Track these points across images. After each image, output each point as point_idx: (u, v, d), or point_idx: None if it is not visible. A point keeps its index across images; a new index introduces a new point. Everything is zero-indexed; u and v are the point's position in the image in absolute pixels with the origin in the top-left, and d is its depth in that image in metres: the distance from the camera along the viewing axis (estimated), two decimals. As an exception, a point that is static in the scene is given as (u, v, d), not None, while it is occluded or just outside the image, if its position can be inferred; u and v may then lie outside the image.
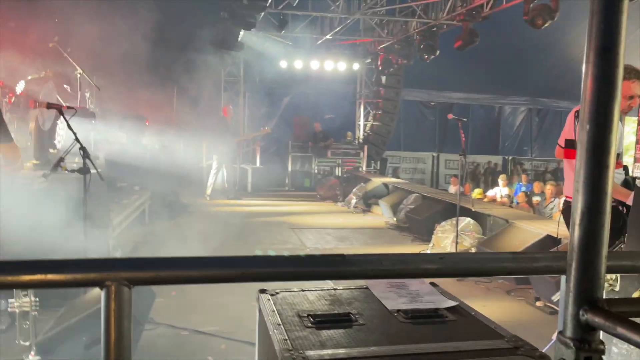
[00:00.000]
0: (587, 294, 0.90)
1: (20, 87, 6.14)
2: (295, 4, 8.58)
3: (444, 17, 10.05)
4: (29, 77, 6.15)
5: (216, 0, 10.27)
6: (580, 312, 0.90)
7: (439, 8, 10.34)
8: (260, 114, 16.09)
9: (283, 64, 13.72)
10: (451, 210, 7.07)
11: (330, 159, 13.27)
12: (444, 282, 4.81)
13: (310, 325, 1.61)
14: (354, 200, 10.31)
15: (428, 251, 6.72)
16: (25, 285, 1.01)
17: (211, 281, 1.10)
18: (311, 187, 12.88)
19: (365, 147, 13.90)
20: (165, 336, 4.02)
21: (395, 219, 8.86)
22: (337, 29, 11.50)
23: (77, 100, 6.56)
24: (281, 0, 9.34)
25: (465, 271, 1.26)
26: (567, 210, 3.64)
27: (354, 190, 10.55)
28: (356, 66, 14.46)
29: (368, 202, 10.38)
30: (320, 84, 15.18)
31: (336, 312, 1.73)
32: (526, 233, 5.74)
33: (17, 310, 3.26)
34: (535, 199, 9.76)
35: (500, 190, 10.70)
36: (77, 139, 3.71)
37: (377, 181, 10.84)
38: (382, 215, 9.59)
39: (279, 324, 1.61)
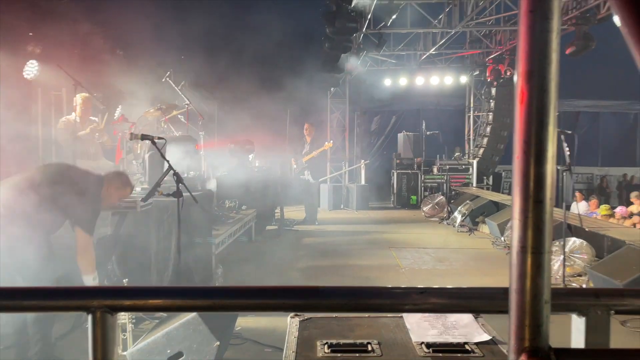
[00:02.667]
0: (528, 342, 0.81)
1: (117, 113, 6.92)
2: (392, 23, 8.57)
3: (556, 21, 9.35)
4: (147, 110, 6.87)
5: (321, 25, 10.67)
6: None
7: (550, 12, 9.65)
8: (369, 133, 16.24)
9: (387, 82, 13.74)
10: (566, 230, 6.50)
11: (438, 175, 12.92)
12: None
13: (324, 354, 1.61)
14: (459, 219, 9.91)
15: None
16: (24, 309, 1.16)
17: (183, 310, 1.17)
18: (417, 204, 12.62)
19: (475, 162, 13.31)
20: (250, 351, 4.20)
21: (502, 238, 8.35)
22: (440, 43, 11.26)
23: (187, 129, 7.17)
24: (379, 20, 9.40)
25: (446, 306, 1.19)
26: None
27: (460, 207, 10.14)
28: (464, 79, 14.01)
29: (475, 220, 9.90)
30: (429, 100, 14.94)
31: (356, 341, 1.71)
32: (648, 257, 5.09)
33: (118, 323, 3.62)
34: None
35: (633, 208, 9.58)
36: (170, 166, 4.07)
37: (485, 198, 10.31)
38: (489, 234, 9.09)
39: (293, 351, 1.63)
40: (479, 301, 1.09)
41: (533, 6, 0.78)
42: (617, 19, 0.64)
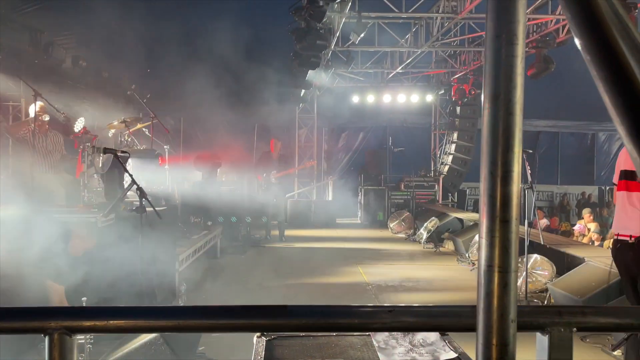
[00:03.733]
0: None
1: (79, 125, 6.77)
2: (359, 42, 8.70)
3: (517, 44, 9.69)
4: (110, 123, 6.73)
5: (289, 41, 10.73)
6: (486, 383, 0.81)
7: (512, 35, 10.00)
8: (336, 149, 16.33)
9: (355, 99, 13.90)
10: (524, 246, 6.65)
11: (404, 191, 13.06)
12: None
13: (290, 374, 1.58)
14: (425, 235, 10.02)
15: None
16: (-28, 331, 1.10)
17: (145, 331, 1.13)
18: (384, 220, 12.71)
19: (441, 180, 13.55)
20: (215, 371, 4.10)
21: (467, 254, 8.48)
22: (407, 62, 11.49)
23: (151, 143, 7.05)
24: (347, 38, 9.53)
25: (413, 325, 1.19)
26: (616, 250, 3.28)
27: (426, 224, 10.26)
28: (429, 98, 14.30)
29: (441, 236, 10.04)
30: (395, 117, 15.17)
31: (323, 360, 1.69)
32: (605, 273, 5.24)
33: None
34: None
35: (586, 226, 9.90)
36: (133, 181, 3.98)
37: (450, 215, 10.48)
38: (454, 251, 9.23)
39: (259, 372, 1.60)
40: (447, 319, 1.10)
41: (499, 31, 0.80)
42: (578, 42, 0.66)
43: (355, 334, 1.99)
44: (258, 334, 1.98)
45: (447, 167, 14.21)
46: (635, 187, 3.12)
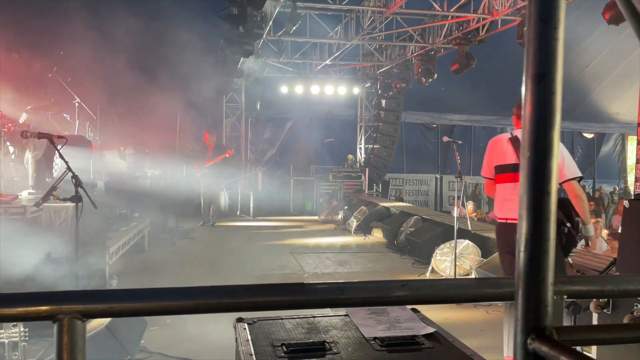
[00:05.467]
0: (533, 322, 0.89)
1: (23, 117, 6.25)
2: (292, 32, 8.68)
3: (441, 41, 10.16)
4: (29, 107, 6.24)
5: (217, 28, 10.47)
6: (528, 341, 0.88)
7: (436, 32, 10.46)
8: (262, 139, 16.21)
9: (284, 90, 13.87)
10: (451, 233, 7.03)
11: (332, 182, 13.28)
12: (440, 306, 4.71)
13: (282, 355, 1.59)
14: (354, 224, 10.27)
15: (427, 275, 6.67)
16: (-26, 320, 1.01)
17: (165, 313, 1.09)
18: (313, 210, 12.86)
19: (367, 170, 13.91)
20: (158, 365, 3.98)
21: (395, 242, 8.81)
22: (336, 54, 11.64)
23: (75, 129, 6.62)
24: (279, 27, 9.49)
25: (429, 298, 1.24)
26: (505, 231, 3.77)
27: (355, 213, 10.52)
28: (356, 90, 14.59)
29: (369, 225, 10.33)
30: (322, 109, 15.31)
31: (310, 341, 1.71)
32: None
33: (6, 341, 3.24)
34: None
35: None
36: (69, 168, 3.74)
37: (377, 204, 10.80)
38: (382, 238, 9.54)
39: (251, 354, 1.59)
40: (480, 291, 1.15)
41: (543, 15, 0.86)
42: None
43: (330, 314, 2.03)
44: (236, 319, 1.96)
45: (372, 158, 14.61)
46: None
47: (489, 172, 3.88)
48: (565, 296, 1.30)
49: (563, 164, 3.55)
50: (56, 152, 3.73)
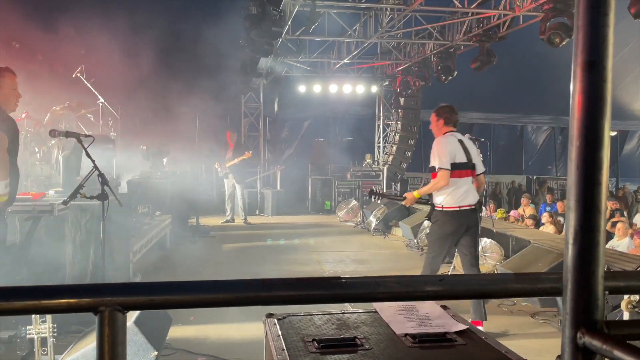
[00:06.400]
0: (584, 316, 0.87)
1: (47, 117, 6.36)
2: (311, 30, 8.68)
3: (461, 38, 10.06)
4: (54, 108, 6.34)
5: (236, 28, 10.51)
6: (578, 335, 0.86)
7: (456, 29, 10.37)
8: (280, 139, 16.25)
9: (302, 89, 13.88)
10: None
11: (350, 181, 13.25)
12: (464, 305, 4.68)
13: (314, 350, 1.59)
14: (374, 223, 10.23)
15: (449, 273, 6.61)
16: (19, 312, 1.03)
17: (205, 305, 1.09)
18: (332, 209, 12.85)
19: (385, 169, 13.86)
20: (182, 362, 4.01)
21: (416, 240, 8.75)
22: (354, 53, 11.60)
23: (99, 129, 6.72)
24: (298, 26, 9.49)
25: (466, 293, 1.23)
26: (460, 215, 4.50)
27: (374, 212, 10.47)
28: (374, 89, 14.54)
29: (388, 224, 10.28)
30: (340, 107, 15.30)
31: (342, 336, 1.70)
32: (550, 254, 5.60)
33: (35, 337, 3.29)
34: (560, 218, 9.53)
35: (523, 211, 10.49)
36: (95, 166, 3.79)
37: (396, 203, 10.73)
38: (402, 237, 9.49)
39: (283, 349, 1.59)
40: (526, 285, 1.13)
41: (594, 2, 0.84)
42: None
43: (359, 310, 2.02)
44: (266, 315, 1.96)
45: (391, 157, 14.54)
46: (473, 174, 4.66)
47: (443, 164, 4.52)
48: (607, 292, 1.28)
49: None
50: (83, 150, 3.79)
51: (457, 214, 4.47)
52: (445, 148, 4.58)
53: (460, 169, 4.52)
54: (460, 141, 4.70)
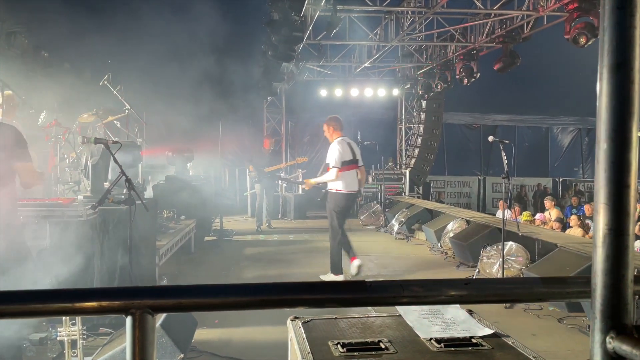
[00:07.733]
0: (613, 320, 0.86)
1: (75, 124, 6.52)
2: (332, 35, 8.71)
3: (483, 39, 9.97)
4: (82, 115, 6.50)
5: (258, 34, 10.62)
6: (607, 340, 0.85)
7: (478, 31, 10.27)
8: (302, 142, 16.31)
9: (323, 93, 13.92)
10: (497, 235, 6.87)
11: (372, 184, 13.21)
12: (489, 310, 4.62)
13: (340, 353, 1.59)
14: (396, 226, 10.18)
15: (474, 277, 6.53)
16: (53, 313, 1.06)
17: (232, 308, 1.11)
18: (354, 213, 12.81)
19: (407, 172, 13.78)
20: (207, 364, 4.06)
21: (439, 244, 8.68)
22: (376, 56, 11.59)
23: (125, 135, 6.85)
24: (319, 31, 9.53)
25: (492, 297, 1.22)
26: (346, 199, 6.40)
27: (397, 215, 10.42)
28: (396, 92, 14.49)
29: (411, 227, 10.22)
30: (361, 111, 15.29)
31: (367, 340, 1.71)
32: (577, 257, 5.49)
33: (65, 339, 3.37)
34: (588, 221, 9.34)
35: (549, 214, 10.31)
36: (122, 172, 3.87)
37: (420, 206, 10.68)
38: (425, 241, 9.41)
39: (309, 352, 1.60)
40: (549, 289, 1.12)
41: (620, 3, 0.83)
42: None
43: (383, 314, 2.02)
44: (291, 317, 1.98)
45: (413, 160, 14.46)
46: (356, 167, 6.34)
47: (334, 162, 6.08)
48: (637, 296, 1.25)
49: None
50: (111, 157, 3.88)
51: (347, 196, 6.23)
52: (337, 151, 6.09)
53: (349, 165, 6.15)
54: (349, 143, 6.32)
